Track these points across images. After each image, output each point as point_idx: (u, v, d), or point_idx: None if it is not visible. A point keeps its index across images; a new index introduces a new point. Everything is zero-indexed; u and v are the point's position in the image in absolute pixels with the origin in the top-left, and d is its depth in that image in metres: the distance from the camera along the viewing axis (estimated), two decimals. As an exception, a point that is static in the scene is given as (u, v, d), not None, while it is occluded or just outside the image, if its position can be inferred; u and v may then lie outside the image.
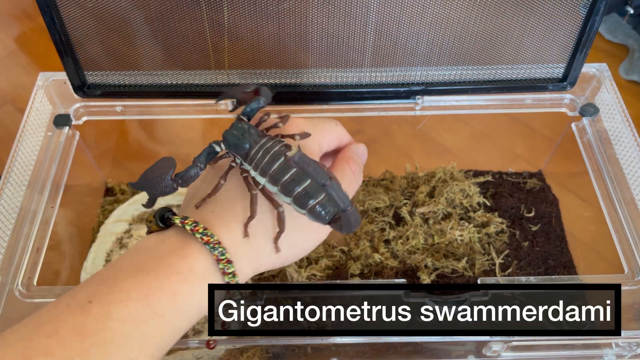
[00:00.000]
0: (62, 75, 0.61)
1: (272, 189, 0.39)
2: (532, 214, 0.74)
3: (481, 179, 0.76)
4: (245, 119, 0.42)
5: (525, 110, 0.64)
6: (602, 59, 0.67)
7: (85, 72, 0.58)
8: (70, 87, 0.59)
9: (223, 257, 0.38)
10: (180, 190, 0.41)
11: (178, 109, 0.47)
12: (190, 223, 0.38)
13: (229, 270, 0.38)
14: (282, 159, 0.38)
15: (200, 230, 0.38)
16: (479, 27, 0.54)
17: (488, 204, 0.73)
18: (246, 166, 0.40)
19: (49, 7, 0.50)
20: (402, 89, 0.60)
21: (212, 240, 0.38)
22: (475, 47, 0.57)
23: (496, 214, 0.72)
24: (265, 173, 0.39)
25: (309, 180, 0.38)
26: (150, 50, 0.56)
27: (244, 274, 0.39)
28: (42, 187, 0.56)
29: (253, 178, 0.40)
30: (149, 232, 0.41)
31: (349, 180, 0.43)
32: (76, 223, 0.71)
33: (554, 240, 0.72)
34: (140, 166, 0.83)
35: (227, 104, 0.44)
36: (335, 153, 0.47)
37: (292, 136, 0.42)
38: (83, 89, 0.59)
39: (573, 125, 0.63)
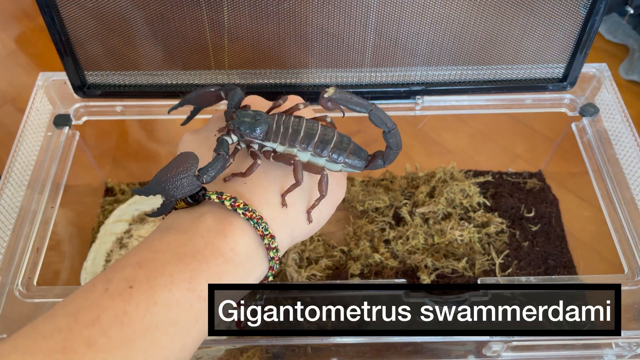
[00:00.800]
0: (62, 75, 0.61)
1: (304, 156, 0.40)
2: (532, 214, 0.74)
3: (481, 179, 0.76)
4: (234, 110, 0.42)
5: (525, 110, 0.64)
6: (602, 59, 0.67)
7: (85, 72, 0.58)
8: (70, 87, 0.59)
9: (267, 232, 0.36)
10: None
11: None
12: (229, 198, 0.36)
13: (274, 245, 0.37)
14: (304, 126, 0.40)
15: (242, 206, 0.36)
16: (479, 27, 0.54)
17: (488, 204, 0.73)
18: (270, 145, 0.41)
19: (49, 7, 0.50)
20: (402, 89, 0.60)
21: (254, 215, 0.36)
22: (475, 47, 0.56)
23: (496, 214, 0.72)
24: (294, 144, 0.40)
25: (335, 138, 0.40)
26: (150, 50, 0.56)
27: (282, 248, 0.38)
28: (42, 187, 0.56)
29: (282, 153, 0.40)
30: (170, 210, 0.39)
31: None
32: (76, 223, 0.71)
33: (554, 240, 0.72)
34: (140, 166, 0.83)
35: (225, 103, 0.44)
36: None
37: (296, 107, 0.44)
38: (83, 89, 0.59)
39: (573, 125, 0.63)
